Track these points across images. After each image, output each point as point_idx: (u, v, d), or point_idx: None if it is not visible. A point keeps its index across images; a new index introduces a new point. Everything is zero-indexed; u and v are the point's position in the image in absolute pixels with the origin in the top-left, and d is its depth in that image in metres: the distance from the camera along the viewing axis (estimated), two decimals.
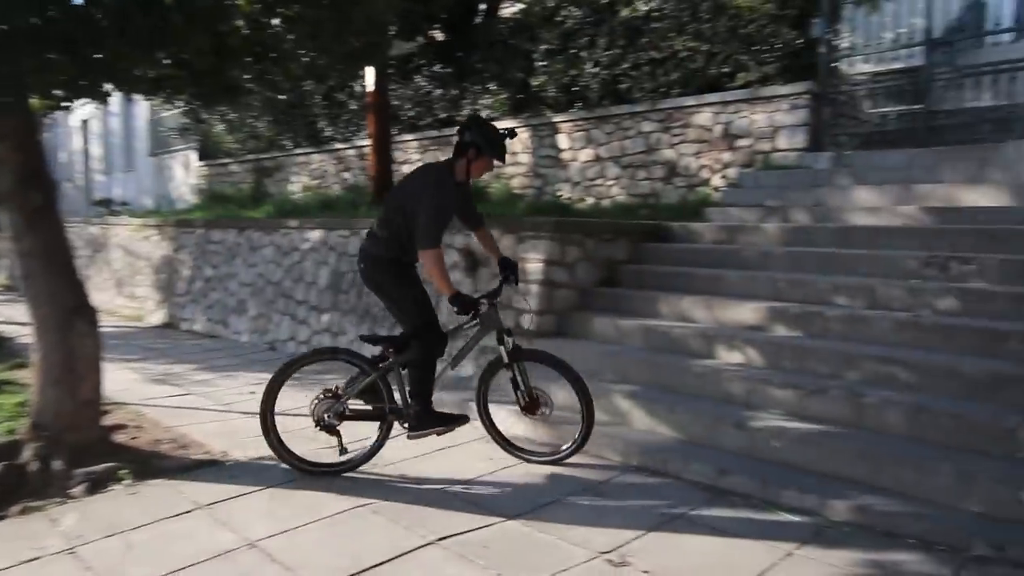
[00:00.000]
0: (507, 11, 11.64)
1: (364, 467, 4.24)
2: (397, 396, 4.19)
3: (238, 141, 15.33)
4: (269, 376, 4.24)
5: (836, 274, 5.23)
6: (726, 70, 7.99)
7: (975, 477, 3.35)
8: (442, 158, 11.73)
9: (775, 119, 7.69)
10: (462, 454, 4.49)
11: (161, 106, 16.01)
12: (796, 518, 3.47)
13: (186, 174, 17.55)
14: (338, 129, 13.03)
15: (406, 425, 4.17)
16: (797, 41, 7.47)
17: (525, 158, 10.19)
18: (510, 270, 4.28)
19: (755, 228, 6.20)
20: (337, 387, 4.23)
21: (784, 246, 5.83)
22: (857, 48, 7.63)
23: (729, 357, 4.82)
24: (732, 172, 7.91)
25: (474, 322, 4.26)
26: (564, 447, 4.27)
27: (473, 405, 4.52)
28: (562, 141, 9.73)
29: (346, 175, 13.14)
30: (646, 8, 8.57)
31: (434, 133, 11.38)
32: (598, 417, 4.37)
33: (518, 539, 3.29)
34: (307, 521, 3.48)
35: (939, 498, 3.42)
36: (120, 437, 4.73)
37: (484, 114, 10.55)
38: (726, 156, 8.08)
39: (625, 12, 8.77)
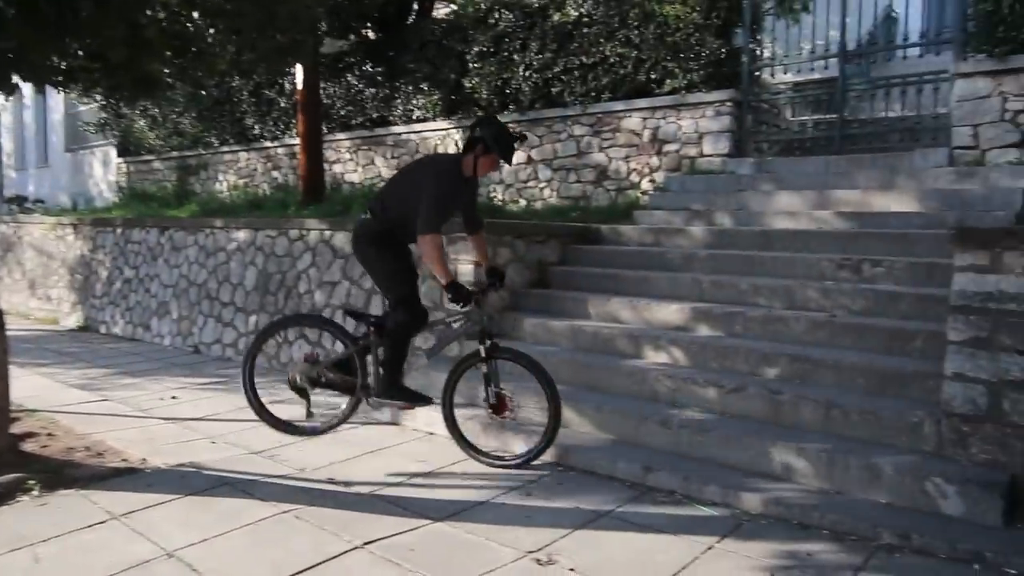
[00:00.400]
0: (440, 12, 11.61)
1: (290, 471, 4.17)
2: (371, 376, 4.29)
3: (161, 137, 14.79)
4: (193, 380, 4.12)
5: (757, 276, 5.42)
6: (654, 76, 8.17)
7: (882, 469, 3.52)
8: (375, 158, 11.67)
9: (701, 125, 7.91)
10: (393, 456, 4.45)
11: (78, 99, 15.32)
12: (717, 512, 3.58)
13: (105, 171, 16.84)
14: (267, 127, 12.74)
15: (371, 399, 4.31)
16: (721, 50, 7.71)
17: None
18: (497, 279, 4.37)
19: (681, 231, 6.36)
20: (317, 354, 4.48)
21: (708, 248, 6.00)
22: (777, 58, 7.93)
23: (655, 357, 4.92)
24: (660, 176, 8.10)
25: (459, 317, 4.33)
26: (526, 450, 4.21)
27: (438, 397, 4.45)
28: None
29: (276, 174, 12.85)
30: (576, 14, 8.68)
31: (366, 132, 11.25)
32: (528, 418, 4.41)
33: (445, 541, 3.29)
34: (228, 529, 3.38)
35: (850, 490, 3.59)
36: (29, 446, 4.50)
37: (416, 115, 10.51)
38: (654, 160, 8.27)
39: (556, 17, 8.86)
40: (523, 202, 9.38)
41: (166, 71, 5.80)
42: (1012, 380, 3.46)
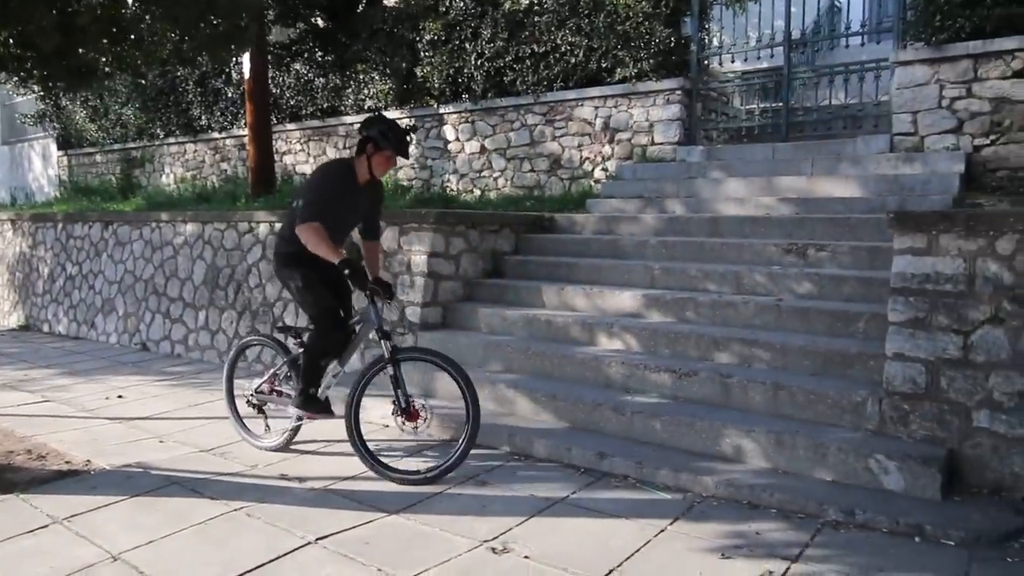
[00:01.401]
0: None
1: (241, 468, 4.11)
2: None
3: (103, 129, 14.33)
4: (140, 378, 4.02)
5: (707, 262, 5.50)
6: (605, 65, 8.21)
7: (827, 448, 3.61)
8: (327, 148, 11.50)
9: (651, 114, 7.98)
10: (347, 451, 4.39)
11: (14, 90, 14.74)
12: (670, 496, 3.63)
13: (44, 164, 16.27)
14: (215, 118, 12.44)
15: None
16: (670, 39, 7.77)
17: (412, 149, 10.07)
18: (383, 290, 4.02)
19: (633, 219, 6.41)
20: (270, 370, 4.57)
21: (659, 236, 6.06)
22: (726, 47, 8.03)
23: (609, 344, 4.96)
24: (612, 165, 8.15)
25: (357, 320, 4.27)
26: (440, 464, 3.87)
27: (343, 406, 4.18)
28: (448, 133, 9.69)
29: (224, 166, 12.57)
30: (527, 2, 8.65)
31: (316, 123, 11.07)
32: (484, 407, 4.39)
33: (400, 533, 3.27)
34: (176, 529, 3.31)
35: (797, 469, 3.68)
36: None
37: (368, 104, 10.38)
38: (607, 149, 8.32)
39: (507, 5, 8.83)
40: (477, 192, 9.35)
41: (103, 60, 5.61)
42: (949, 358, 3.58)
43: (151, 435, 4.79)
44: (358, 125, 4.17)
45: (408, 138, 4.03)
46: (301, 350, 4.26)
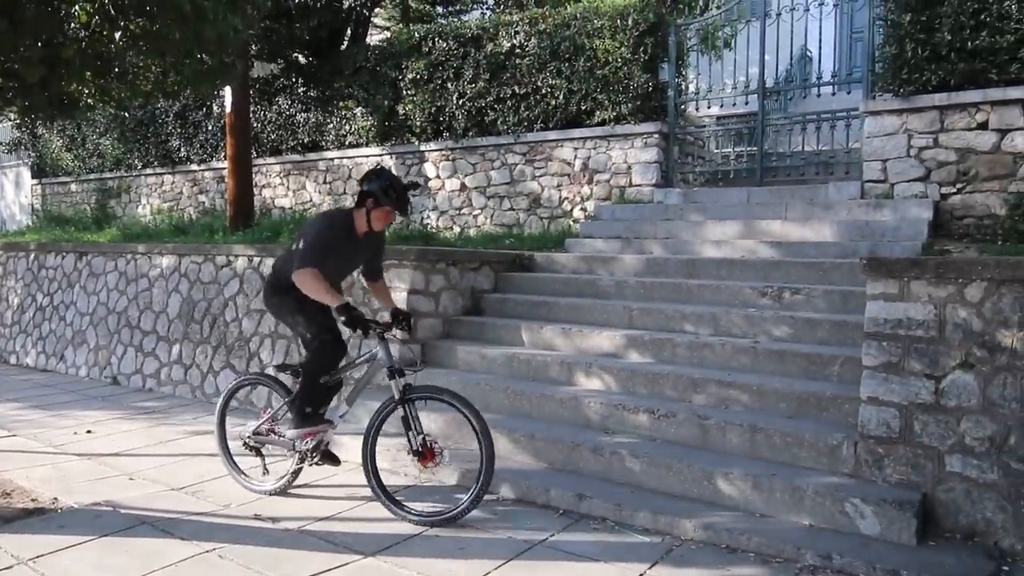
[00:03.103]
0: (374, 38, 11.61)
1: (214, 508, 4.02)
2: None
3: (79, 159, 14.23)
4: (110, 413, 3.95)
5: (684, 303, 5.56)
6: (585, 108, 8.37)
7: (804, 491, 3.64)
8: (307, 183, 11.52)
9: (630, 156, 8.13)
10: (322, 491, 4.34)
11: None
12: (649, 539, 3.62)
13: (17, 193, 16.07)
14: (194, 150, 12.42)
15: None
16: (648, 84, 7.96)
17: None
18: (404, 321, 4.10)
19: (612, 259, 6.48)
20: (271, 412, 4.42)
21: (638, 276, 6.13)
22: (702, 93, 8.24)
23: (588, 384, 4.98)
24: (591, 205, 8.26)
25: (364, 359, 4.15)
26: (458, 506, 3.79)
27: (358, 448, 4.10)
28: (429, 170, 9.77)
29: (202, 198, 12.52)
30: (509, 44, 8.83)
31: (297, 157, 11.10)
32: (461, 446, 4.39)
33: None
34: (146, 571, 3.23)
35: (775, 512, 3.69)
36: None
37: (349, 140, 10.45)
38: (586, 189, 8.44)
39: (490, 47, 8.99)
40: (457, 229, 9.40)
41: (86, 91, 5.61)
42: (921, 403, 3.65)
43: (121, 472, 4.68)
44: (339, 158, 4.20)
45: (409, 195, 4.03)
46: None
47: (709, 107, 8.28)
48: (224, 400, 4.58)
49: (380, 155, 10.23)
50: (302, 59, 11.35)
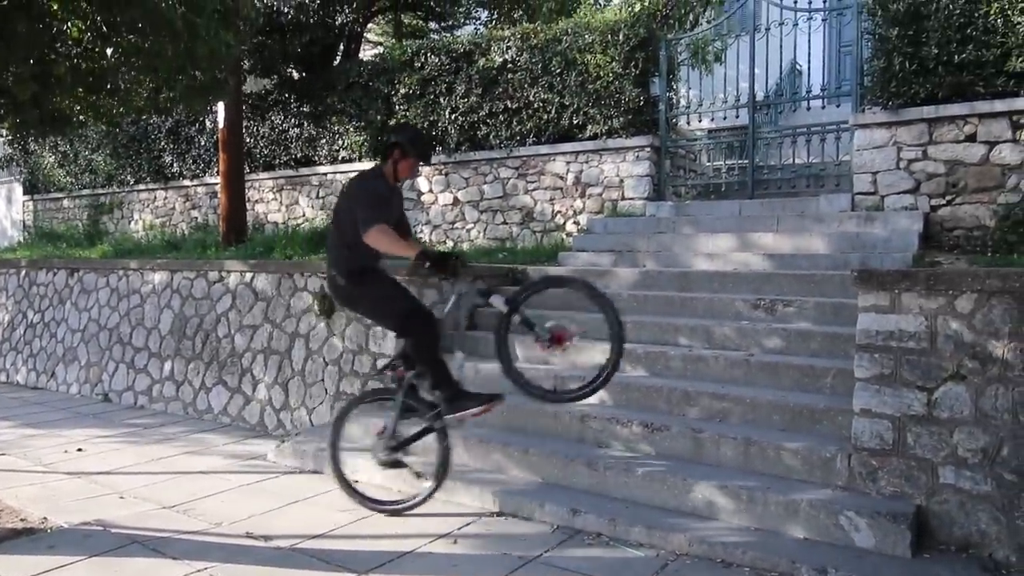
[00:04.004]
0: (367, 54, 11.66)
1: (206, 526, 3.99)
2: (434, 401, 4.10)
3: (72, 175, 14.20)
4: (101, 431, 3.91)
5: (678, 316, 5.57)
6: (577, 122, 8.41)
7: (799, 505, 3.63)
8: (299, 198, 11.49)
9: (622, 169, 8.16)
10: (316, 506, 4.31)
11: None
12: (643, 553, 3.60)
13: (9, 208, 16.00)
14: (186, 165, 12.41)
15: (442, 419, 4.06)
16: (640, 98, 8.01)
17: None
18: (456, 257, 4.10)
19: (605, 273, 6.49)
20: (384, 425, 4.20)
21: (631, 289, 6.14)
22: (693, 106, 8.29)
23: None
24: (584, 219, 8.28)
25: (450, 296, 4.20)
26: (585, 382, 3.98)
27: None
28: (422, 184, 9.79)
29: (195, 213, 12.50)
30: (501, 59, 8.87)
31: (290, 172, 11.10)
32: (453, 462, 4.38)
33: None
34: None
35: (770, 525, 3.68)
36: None
37: (342, 155, 10.47)
38: (578, 203, 8.46)
39: (482, 62, 9.04)
40: (450, 243, 9.40)
41: (78, 108, 5.61)
42: (914, 415, 3.65)
43: (112, 491, 4.64)
44: (332, 172, 4.23)
45: (432, 149, 4.14)
46: (412, 377, 4.10)
47: (700, 121, 8.34)
48: (337, 427, 4.30)
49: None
50: (295, 74, 11.39)
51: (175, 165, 12.56)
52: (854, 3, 7.13)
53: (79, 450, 5.64)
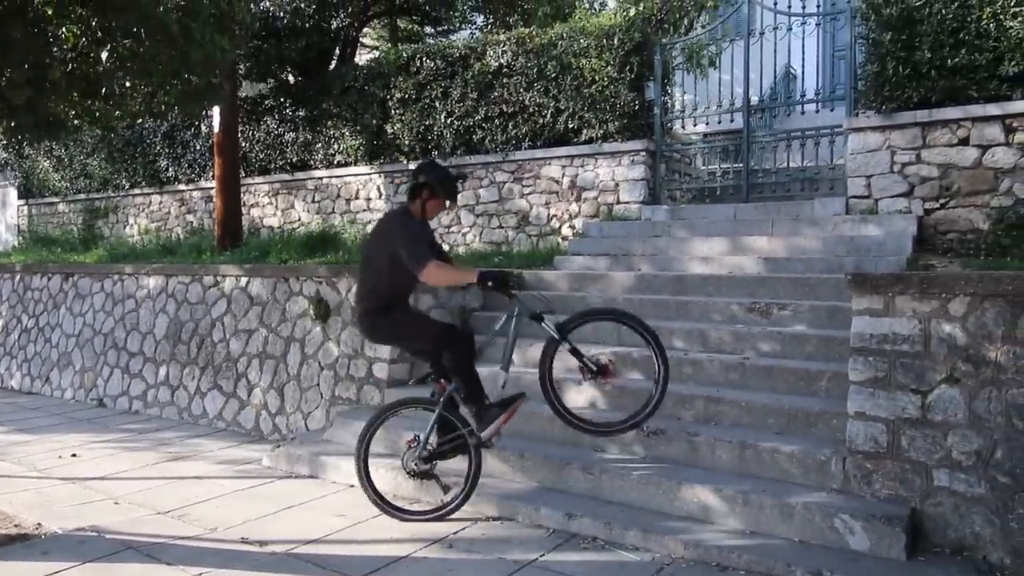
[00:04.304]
0: (362, 58, 11.67)
1: (200, 532, 3.98)
2: (468, 417, 4.16)
3: (67, 179, 14.18)
4: (96, 436, 3.90)
5: (673, 319, 5.57)
6: (572, 126, 8.42)
7: (794, 508, 3.64)
8: (295, 202, 11.49)
9: (617, 173, 8.17)
10: (311, 511, 4.30)
11: None
12: (639, 557, 3.61)
13: (4, 213, 15.97)
14: (182, 169, 12.41)
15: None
16: (635, 102, 8.03)
17: (381, 204, 10.16)
18: (512, 276, 4.30)
19: (600, 276, 6.50)
20: (416, 435, 4.24)
21: (627, 293, 6.15)
22: (688, 110, 8.31)
23: (577, 401, 4.97)
24: (579, 222, 8.29)
25: (501, 318, 4.28)
26: (633, 414, 4.10)
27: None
28: None
29: (190, 217, 12.49)
30: (497, 64, 8.89)
31: (286, 176, 11.10)
32: (451, 467, 4.38)
33: None
34: None
35: (765, 529, 3.69)
36: None
37: (338, 159, 10.47)
38: (574, 207, 8.47)
39: (477, 66, 9.05)
40: (446, 247, 9.38)
41: (72, 113, 5.60)
42: (908, 418, 3.67)
43: (106, 496, 4.63)
44: (327, 177, 4.23)
45: (459, 185, 4.30)
46: (450, 391, 4.16)
47: (695, 125, 8.35)
48: (368, 436, 4.30)
49: (369, 174, 10.25)
50: (291, 79, 11.40)
51: (170, 169, 12.55)
52: (848, 8, 7.16)
53: (73, 455, 5.62)
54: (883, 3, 6.50)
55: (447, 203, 4.28)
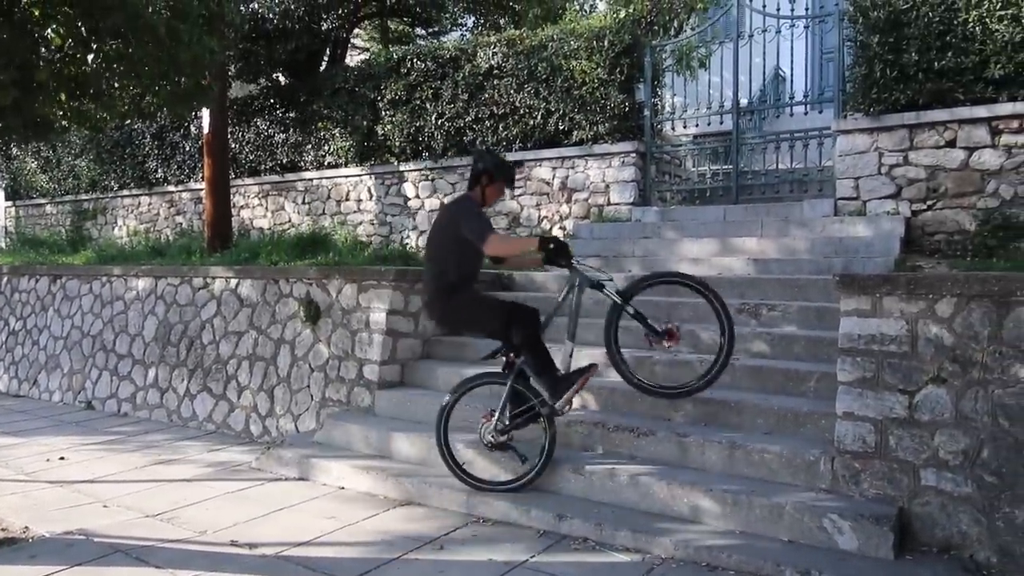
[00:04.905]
0: (354, 59, 11.66)
1: (190, 534, 3.96)
2: (540, 388, 4.28)
3: (55, 180, 14.10)
4: (84, 439, 3.88)
5: (664, 320, 5.58)
6: (563, 127, 8.45)
7: (783, 508, 3.65)
8: (285, 203, 11.47)
9: (607, 175, 8.20)
10: (301, 514, 4.29)
11: None
12: (629, 558, 3.61)
13: None
14: (171, 171, 12.36)
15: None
16: (625, 104, 8.05)
17: (371, 205, 10.15)
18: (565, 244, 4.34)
19: None
20: (491, 410, 4.40)
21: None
22: (678, 112, 8.35)
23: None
24: (570, 224, 8.31)
25: (566, 290, 4.38)
26: (700, 377, 4.29)
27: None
28: (408, 190, 9.79)
29: (179, 219, 12.44)
30: (488, 65, 8.90)
31: (275, 178, 11.07)
32: (440, 470, 4.39)
33: None
34: None
35: (754, 529, 3.70)
36: None
37: (328, 160, 10.45)
38: (564, 208, 8.49)
39: (468, 68, 9.06)
40: None
41: (60, 114, 5.57)
42: (896, 418, 3.69)
43: (94, 500, 4.60)
44: (318, 178, 4.27)
45: (516, 171, 4.50)
46: (520, 365, 4.29)
47: (685, 126, 8.39)
48: (448, 408, 4.47)
49: (359, 175, 10.23)
50: (281, 80, 11.37)
51: (159, 171, 12.49)
52: (836, 11, 7.21)
53: (61, 458, 5.59)
54: (871, 6, 6.56)
55: (505, 189, 4.52)
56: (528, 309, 4.37)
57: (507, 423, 4.32)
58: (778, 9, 7.66)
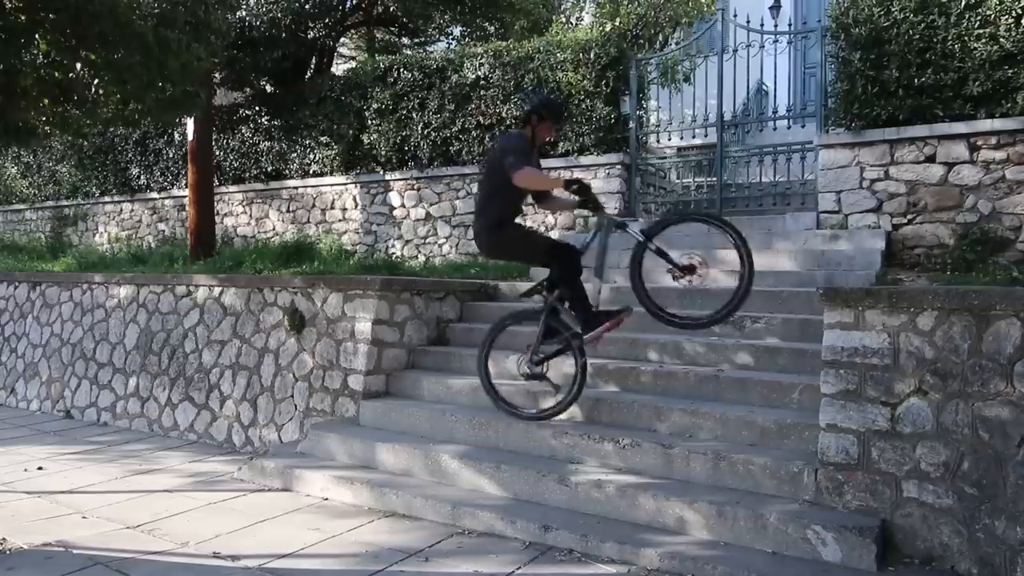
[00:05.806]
0: (340, 68, 11.65)
1: (171, 546, 3.91)
2: (571, 322, 4.62)
3: (35, 186, 13.94)
4: (63, 448, 3.83)
5: (647, 331, 5.61)
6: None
7: (767, 519, 3.68)
8: (270, 211, 11.42)
9: (593, 186, 8.16)
10: (285, 525, 4.25)
11: None
12: (615, 570, 3.62)
13: None
14: (154, 177, 12.26)
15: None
16: (610, 116, 8.12)
17: (356, 215, 10.13)
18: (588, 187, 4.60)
19: None
20: (528, 344, 4.79)
21: (603, 306, 6.15)
22: (662, 125, 8.42)
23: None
24: (556, 234, 8.33)
25: (591, 233, 4.70)
26: (716, 310, 4.41)
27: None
28: (394, 199, 9.78)
29: (162, 226, 12.34)
30: (474, 76, 8.94)
31: (260, 186, 11.03)
32: (425, 478, 4.37)
33: None
34: None
35: (739, 540, 3.72)
36: None
37: (313, 169, 10.42)
38: (550, 219, 8.52)
39: (455, 78, 9.09)
40: (422, 258, 9.39)
41: (44, 119, 5.53)
42: (878, 430, 3.73)
43: (74, 510, 4.53)
44: (303, 187, 4.31)
45: (564, 110, 4.76)
46: (554, 301, 4.62)
47: (670, 139, 8.46)
48: (489, 342, 4.96)
49: (345, 184, 10.22)
50: (267, 88, 11.34)
51: (142, 177, 12.40)
52: (819, 27, 7.32)
53: (39, 468, 5.50)
54: (853, 23, 6.67)
55: (554, 128, 4.71)
56: (568, 246, 4.69)
57: (541, 355, 4.71)
58: (762, 25, 7.76)
